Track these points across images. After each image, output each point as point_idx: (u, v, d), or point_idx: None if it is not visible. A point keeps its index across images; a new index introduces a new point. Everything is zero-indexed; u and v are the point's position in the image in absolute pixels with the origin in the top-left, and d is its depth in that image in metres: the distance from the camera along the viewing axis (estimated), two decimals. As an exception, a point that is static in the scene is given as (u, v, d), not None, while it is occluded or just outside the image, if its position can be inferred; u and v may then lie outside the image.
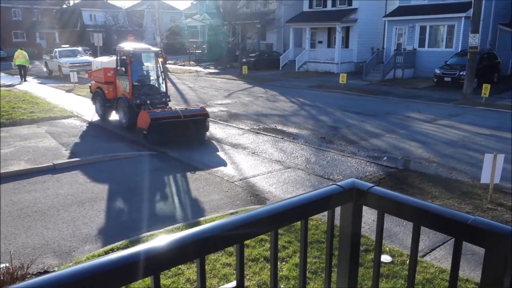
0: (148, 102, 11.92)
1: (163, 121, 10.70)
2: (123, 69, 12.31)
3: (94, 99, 14.19)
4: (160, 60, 12.67)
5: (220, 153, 10.31)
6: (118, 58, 12.52)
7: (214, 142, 11.36)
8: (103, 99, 13.42)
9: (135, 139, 11.48)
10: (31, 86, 23.55)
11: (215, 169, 9.00)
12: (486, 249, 1.13)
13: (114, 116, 13.55)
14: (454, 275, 1.23)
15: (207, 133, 11.67)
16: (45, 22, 55.40)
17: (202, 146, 10.85)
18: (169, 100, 12.75)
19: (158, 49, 13.22)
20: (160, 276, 1.08)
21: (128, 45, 12.68)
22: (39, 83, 25.26)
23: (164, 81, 12.77)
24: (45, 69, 30.45)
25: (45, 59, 30.28)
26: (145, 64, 13.05)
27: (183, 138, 10.96)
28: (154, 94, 12.29)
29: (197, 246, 1.11)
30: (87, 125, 13.44)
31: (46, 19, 55.82)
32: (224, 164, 9.41)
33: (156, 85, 12.69)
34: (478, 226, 1.14)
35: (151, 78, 12.88)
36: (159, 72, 12.74)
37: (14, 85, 23.55)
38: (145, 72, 12.93)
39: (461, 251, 1.21)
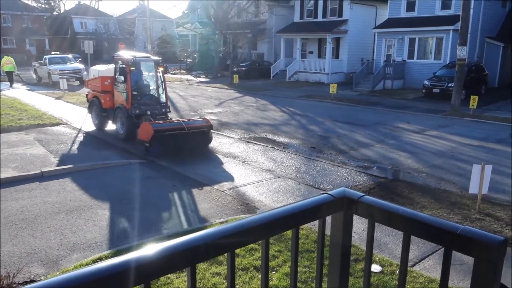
0: (148, 112, 11.42)
1: (166, 133, 10.26)
2: (122, 78, 11.84)
3: (90, 108, 13.63)
4: (160, 69, 12.24)
5: (210, 162, 10.28)
6: (117, 66, 12.13)
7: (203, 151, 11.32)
8: (100, 109, 12.88)
9: (124, 147, 11.41)
10: (20, 92, 23.35)
11: (205, 177, 8.96)
12: (476, 258, 1.14)
13: (110, 126, 13.14)
14: (444, 284, 1.24)
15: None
16: (35, 29, 55.09)
17: (192, 155, 10.79)
18: (169, 111, 12.32)
19: (158, 58, 12.88)
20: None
21: (127, 53, 12.37)
22: (28, 90, 25.06)
23: (164, 91, 12.29)
24: (34, 76, 30.23)
25: (35, 66, 30.07)
26: (145, 73, 12.65)
27: (186, 151, 10.54)
28: (154, 104, 11.82)
29: (188, 255, 1.10)
30: (76, 132, 13.33)
31: (36, 25, 55.50)
32: (214, 172, 9.38)
33: (156, 95, 12.27)
34: (468, 235, 1.15)
35: (151, 87, 12.45)
36: (160, 81, 12.33)
37: (1, 90, 23.43)
38: (145, 82, 12.50)
39: (450, 260, 1.21)
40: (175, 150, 10.44)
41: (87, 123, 14.33)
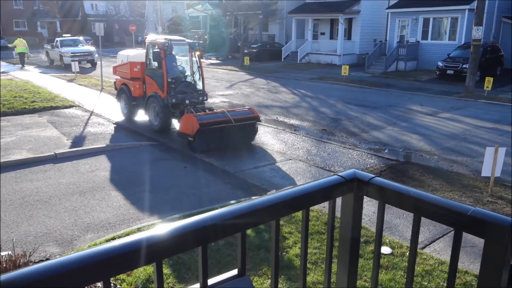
0: (187, 101, 10.51)
1: (212, 127, 9.37)
2: (156, 63, 10.88)
3: (118, 96, 12.63)
4: (196, 53, 11.14)
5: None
6: (149, 51, 11.07)
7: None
8: (129, 97, 11.92)
9: (136, 129, 11.49)
10: (33, 75, 23.53)
11: (216, 159, 9.01)
12: (486, 240, 1.14)
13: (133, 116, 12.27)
14: (453, 265, 1.24)
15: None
16: (46, 11, 55.15)
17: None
18: (207, 99, 11.41)
19: (194, 41, 11.95)
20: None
21: (159, 36, 11.64)
22: (41, 72, 25.23)
23: (201, 77, 11.32)
24: (46, 59, 30.40)
25: (47, 48, 30.20)
26: (180, 58, 11.74)
27: (231, 145, 9.73)
28: (191, 92, 10.85)
29: (200, 234, 1.11)
30: (89, 115, 13.44)
31: (47, 8, 55.56)
32: (224, 154, 9.41)
33: (192, 82, 11.32)
34: (478, 217, 1.15)
35: (187, 74, 11.48)
36: (196, 67, 11.35)
37: (8, 72, 23.81)
38: (180, 67, 11.52)
39: (460, 242, 1.22)
40: (220, 145, 9.64)
41: (99, 106, 14.41)
